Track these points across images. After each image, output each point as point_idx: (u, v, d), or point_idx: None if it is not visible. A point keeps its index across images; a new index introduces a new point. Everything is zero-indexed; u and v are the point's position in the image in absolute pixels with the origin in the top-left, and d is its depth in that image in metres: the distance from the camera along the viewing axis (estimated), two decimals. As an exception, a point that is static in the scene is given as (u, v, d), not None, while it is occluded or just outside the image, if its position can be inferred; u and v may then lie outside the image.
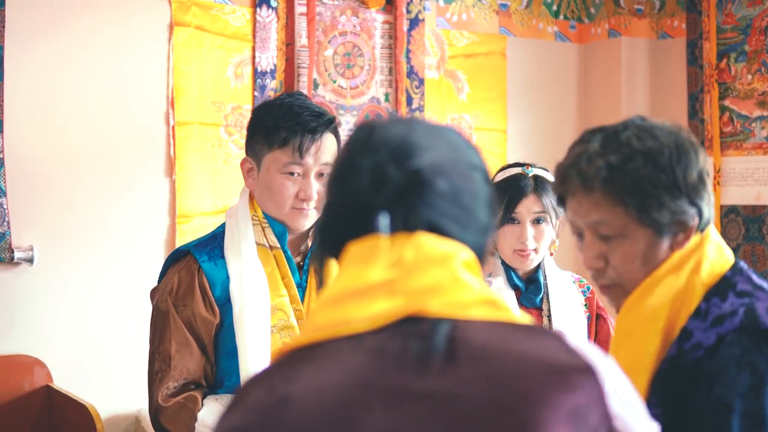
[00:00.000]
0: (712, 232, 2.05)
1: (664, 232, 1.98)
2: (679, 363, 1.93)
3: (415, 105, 5.20)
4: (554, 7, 5.77)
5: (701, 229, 2.01)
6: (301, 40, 4.86)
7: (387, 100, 5.16)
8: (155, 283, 2.86)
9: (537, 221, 3.13)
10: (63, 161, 4.38)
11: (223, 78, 4.73)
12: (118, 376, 4.44)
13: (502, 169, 3.26)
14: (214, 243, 2.85)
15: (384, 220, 1.42)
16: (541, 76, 5.75)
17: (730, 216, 5.47)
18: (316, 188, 2.78)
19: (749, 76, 5.38)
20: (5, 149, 4.24)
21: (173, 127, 4.58)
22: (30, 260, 4.27)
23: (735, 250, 5.40)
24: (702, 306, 1.98)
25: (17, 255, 4.23)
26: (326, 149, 2.78)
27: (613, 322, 3.43)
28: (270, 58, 4.81)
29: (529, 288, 3.20)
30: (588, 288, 3.38)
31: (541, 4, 5.71)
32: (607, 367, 1.39)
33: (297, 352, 1.45)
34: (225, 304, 2.76)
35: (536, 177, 3.17)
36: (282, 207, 2.78)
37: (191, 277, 2.79)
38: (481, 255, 1.51)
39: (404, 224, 1.43)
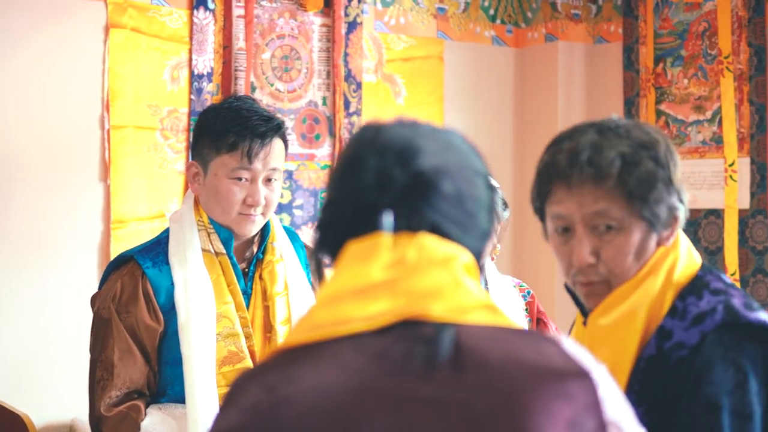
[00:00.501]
0: (681, 233, 2.07)
1: (657, 228, 1.98)
2: (660, 362, 1.95)
3: (352, 109, 5.17)
4: (491, 12, 5.77)
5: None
6: (239, 42, 4.80)
7: (325, 103, 5.12)
8: (90, 289, 2.82)
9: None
10: (-5, 165, 4.30)
11: (160, 81, 4.65)
12: (53, 385, 4.36)
13: None
14: (158, 249, 2.80)
15: (387, 219, 1.42)
16: (478, 80, 5.75)
17: (666, 220, 5.50)
18: (264, 194, 2.74)
19: (685, 81, 5.42)
20: (-65, 153, 4.13)
21: (108, 130, 4.50)
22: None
23: (671, 254, 5.44)
24: (678, 305, 2.00)
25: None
26: (275, 154, 2.75)
27: (553, 326, 3.42)
28: (207, 60, 4.75)
29: None
30: (528, 293, 3.38)
31: (478, 8, 5.71)
32: (599, 373, 1.39)
33: (295, 351, 1.43)
34: (170, 311, 2.72)
35: None
36: (229, 212, 2.74)
37: (135, 284, 2.74)
38: (479, 260, 1.51)
39: (407, 224, 1.42)
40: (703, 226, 5.33)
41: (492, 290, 3.21)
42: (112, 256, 4.40)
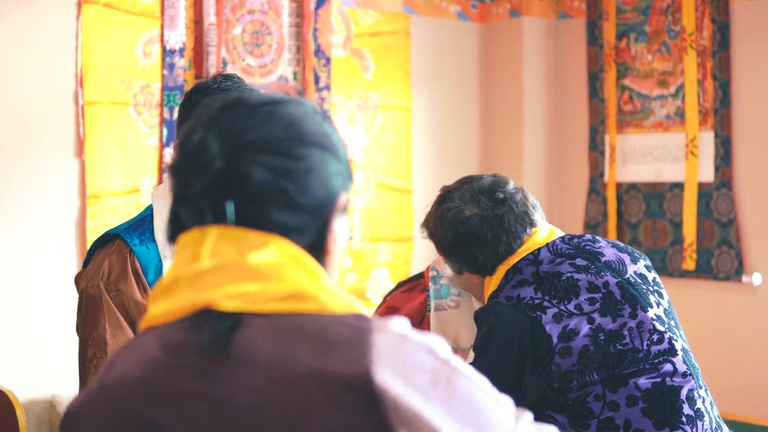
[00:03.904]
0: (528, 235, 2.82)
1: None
2: None
3: (322, 84, 5.20)
4: (457, -14, 5.81)
5: None
6: (210, 18, 4.81)
7: (295, 78, 5.15)
8: (67, 264, 2.80)
9: None
10: (-32, 141, 4.29)
11: (132, 56, 4.66)
12: (31, 361, 4.37)
13: None
14: (143, 226, 2.80)
15: (192, 214, 1.45)
16: (443, 55, 5.79)
17: (630, 192, 5.59)
18: None
19: (649, 56, 5.49)
20: None
21: (82, 106, 4.50)
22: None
23: (635, 226, 5.53)
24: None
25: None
26: None
27: None
28: (179, 36, 4.76)
29: None
30: None
31: (444, -17, 5.75)
32: (408, 365, 1.37)
33: (130, 340, 1.52)
34: None
35: None
36: None
37: (123, 262, 2.74)
38: (319, 238, 1.49)
39: (216, 216, 1.43)
40: (668, 199, 5.42)
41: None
42: (89, 231, 4.42)
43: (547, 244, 2.77)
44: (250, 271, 1.41)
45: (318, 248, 1.49)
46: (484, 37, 5.94)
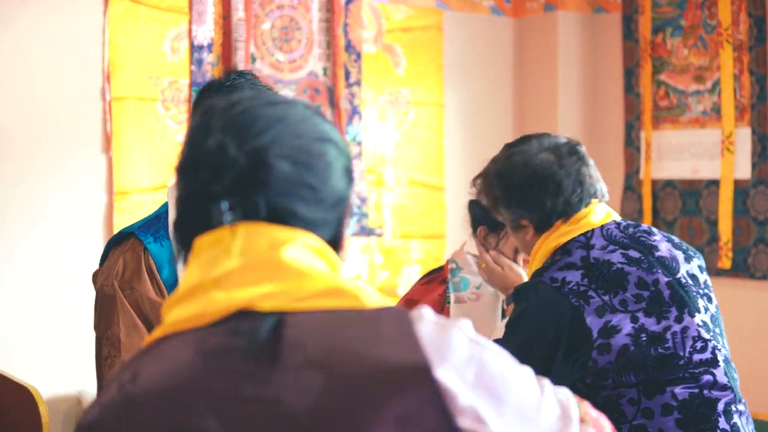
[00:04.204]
0: (596, 209, 2.69)
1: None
2: None
3: (353, 79, 5.16)
4: (491, -19, 5.76)
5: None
6: (238, 13, 4.79)
7: (325, 74, 5.12)
8: (94, 261, 2.77)
9: None
10: (-4, 137, 4.30)
11: (160, 52, 4.65)
12: (59, 357, 4.37)
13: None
14: (158, 224, 2.79)
15: (223, 211, 1.40)
16: (477, 50, 5.73)
17: (666, 190, 5.51)
18: None
19: (685, 51, 5.41)
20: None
21: (109, 102, 4.50)
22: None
23: (671, 224, 5.45)
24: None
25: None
26: None
27: None
28: (207, 31, 4.74)
29: None
30: None
31: (477, -22, 5.70)
32: (458, 358, 1.36)
33: (148, 347, 1.43)
34: (173, 285, 2.72)
35: None
36: None
37: (137, 260, 2.73)
38: (338, 232, 1.50)
39: (243, 213, 1.40)
40: (704, 196, 5.33)
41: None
42: (116, 228, 4.41)
43: (602, 227, 2.65)
44: (284, 267, 1.39)
45: (335, 243, 1.49)
46: (518, 32, 5.88)
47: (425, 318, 1.39)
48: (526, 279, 2.99)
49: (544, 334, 2.52)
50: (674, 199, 5.46)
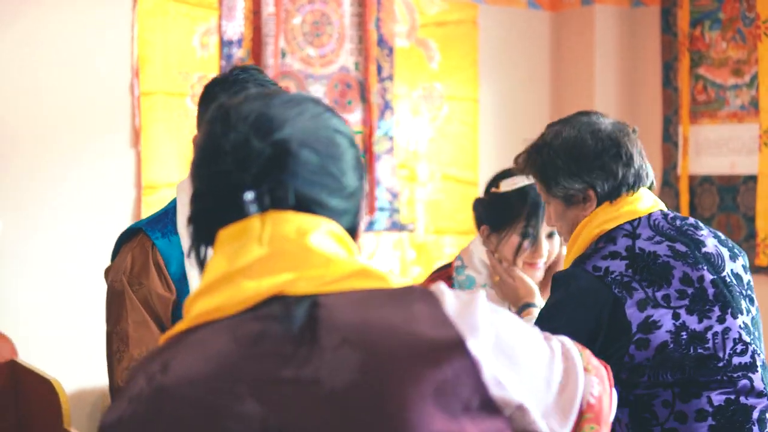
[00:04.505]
0: (643, 195, 2.59)
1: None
2: None
3: (385, 74, 5.15)
4: (527, -26, 5.72)
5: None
6: (268, 8, 4.79)
7: (357, 69, 5.11)
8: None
9: (550, 235, 3.04)
10: (27, 132, 4.34)
11: (189, 47, 4.66)
12: (85, 351, 4.40)
13: (501, 176, 3.12)
14: (166, 219, 2.80)
15: (250, 201, 1.42)
16: (513, 44, 5.69)
17: (704, 185, 5.43)
18: None
19: (724, 44, 5.33)
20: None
21: (138, 97, 4.52)
22: (-8, 233, 4.23)
23: (709, 221, 5.37)
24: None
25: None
26: None
27: None
28: (236, 26, 4.75)
29: None
30: None
31: (513, -29, 5.66)
32: (484, 329, 1.40)
33: (176, 338, 1.44)
34: (181, 280, 2.72)
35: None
36: None
37: (145, 255, 2.74)
38: (355, 221, 1.53)
39: (272, 202, 1.43)
40: (741, 192, 5.25)
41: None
42: (142, 223, 4.43)
43: (649, 216, 2.55)
44: (311, 254, 1.42)
45: (353, 232, 1.52)
46: (555, 26, 5.83)
47: (446, 293, 1.42)
48: (537, 293, 2.94)
49: (582, 323, 2.42)
50: (712, 195, 5.39)
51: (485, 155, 5.53)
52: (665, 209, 2.62)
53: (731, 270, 2.53)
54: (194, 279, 2.71)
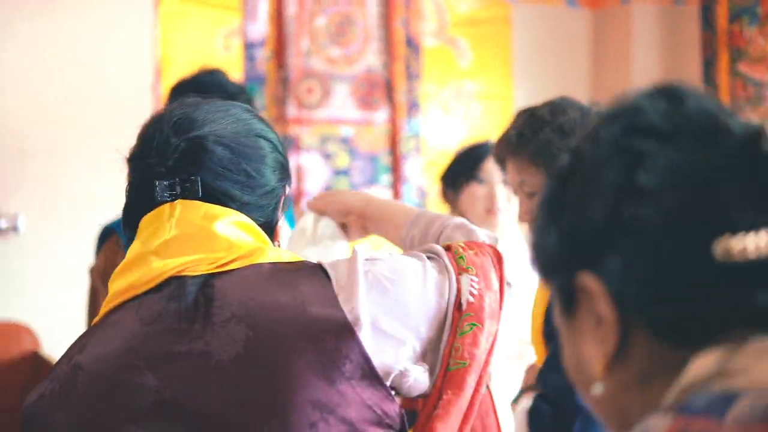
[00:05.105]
0: None
1: None
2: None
3: (413, 73, 5.15)
4: (563, -28, 5.67)
5: None
6: (291, 8, 4.84)
7: (383, 68, 5.12)
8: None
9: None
10: (50, 130, 4.43)
11: (212, 49, 4.73)
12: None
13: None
14: None
15: (165, 189, 1.57)
16: (549, 44, 5.63)
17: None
18: None
19: (761, 40, 5.23)
20: (-12, 119, 4.30)
21: (160, 98, 4.60)
22: (16, 228, 4.33)
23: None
24: None
25: (3, 223, 4.29)
26: None
27: None
28: (260, 28, 4.80)
29: None
30: None
31: (549, -31, 5.62)
32: (361, 288, 1.50)
33: (98, 321, 1.60)
34: None
35: None
36: None
37: (116, 254, 2.82)
38: (272, 216, 1.65)
39: (183, 191, 1.57)
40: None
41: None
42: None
43: None
44: (215, 239, 1.55)
45: (269, 229, 1.65)
46: (595, 25, 5.76)
47: (337, 268, 1.54)
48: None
49: None
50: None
51: (519, 154, 5.49)
52: None
53: None
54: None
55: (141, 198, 1.61)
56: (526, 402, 2.28)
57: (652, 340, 0.94)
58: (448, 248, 1.68)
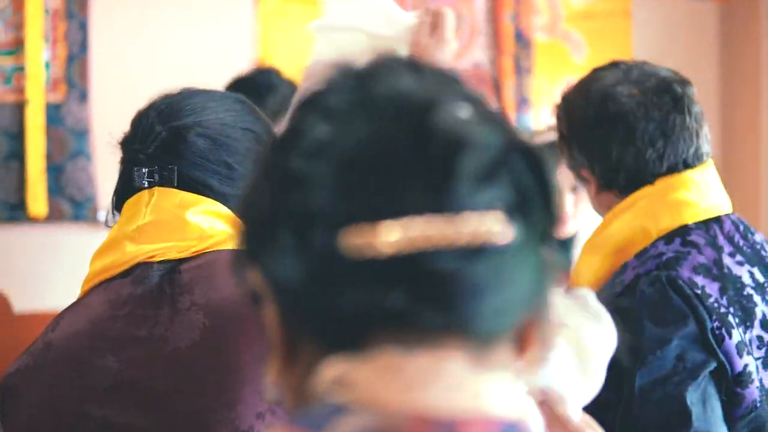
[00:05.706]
0: (697, 182, 1.99)
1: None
2: (601, 294, 1.75)
3: (523, 69, 5.02)
4: (687, -37, 5.46)
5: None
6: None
7: (492, 63, 5.01)
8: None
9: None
10: (151, 132, 4.47)
11: (311, 47, 4.69)
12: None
13: None
14: None
15: (143, 175, 1.62)
16: (673, 39, 5.40)
17: None
18: None
19: None
20: (91, 117, 4.38)
21: (260, 97, 4.59)
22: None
23: None
24: (648, 247, 1.94)
25: (101, 216, 4.36)
26: None
27: None
28: (361, 24, 4.75)
29: None
30: None
31: (672, -41, 5.41)
32: None
33: (74, 303, 1.66)
34: None
35: None
36: None
37: None
38: None
39: (160, 178, 1.61)
40: None
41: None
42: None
43: (719, 220, 1.96)
44: (188, 227, 1.59)
45: None
46: (724, 19, 5.50)
47: None
48: None
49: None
50: None
51: (642, 152, 5.29)
52: (729, 209, 2.03)
53: None
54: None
55: (126, 182, 1.66)
56: None
57: (313, 339, 0.89)
58: None
